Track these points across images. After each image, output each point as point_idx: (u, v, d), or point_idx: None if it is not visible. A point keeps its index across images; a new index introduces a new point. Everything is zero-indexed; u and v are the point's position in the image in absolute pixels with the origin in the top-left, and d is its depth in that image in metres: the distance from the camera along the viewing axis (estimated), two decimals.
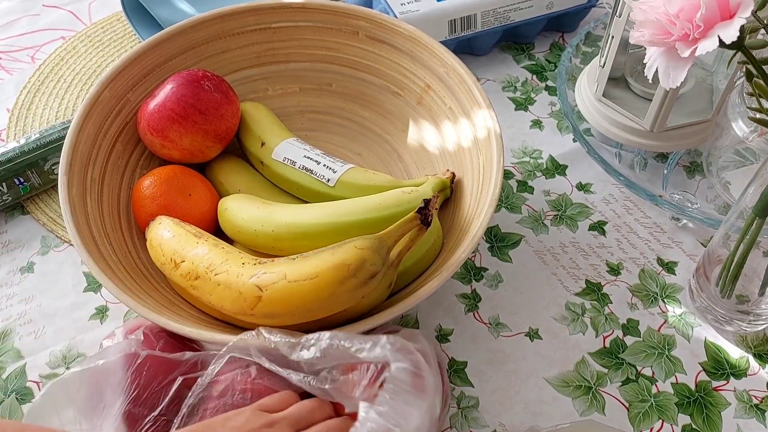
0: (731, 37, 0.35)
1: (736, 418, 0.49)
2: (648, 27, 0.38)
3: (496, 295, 0.55)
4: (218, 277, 0.43)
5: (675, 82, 0.38)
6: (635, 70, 0.61)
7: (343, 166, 0.53)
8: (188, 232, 0.47)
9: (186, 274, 0.45)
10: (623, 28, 0.55)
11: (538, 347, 0.52)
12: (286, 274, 0.41)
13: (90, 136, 0.53)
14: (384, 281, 0.43)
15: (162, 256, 0.47)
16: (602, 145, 0.63)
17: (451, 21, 0.68)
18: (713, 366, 0.51)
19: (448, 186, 0.54)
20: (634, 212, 0.60)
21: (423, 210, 0.43)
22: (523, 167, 0.64)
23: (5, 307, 0.56)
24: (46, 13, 0.82)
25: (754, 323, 0.52)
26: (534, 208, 0.61)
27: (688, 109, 0.59)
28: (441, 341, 0.53)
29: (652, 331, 0.53)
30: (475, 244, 0.46)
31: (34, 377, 0.52)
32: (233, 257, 0.44)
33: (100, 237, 0.50)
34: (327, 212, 0.48)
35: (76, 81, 0.73)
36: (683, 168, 0.63)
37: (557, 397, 0.50)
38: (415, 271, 0.49)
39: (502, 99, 0.70)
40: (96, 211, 0.51)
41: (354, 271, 0.41)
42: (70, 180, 0.50)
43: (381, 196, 0.49)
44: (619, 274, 0.56)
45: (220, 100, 0.54)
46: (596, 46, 0.70)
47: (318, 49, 0.62)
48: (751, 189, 0.46)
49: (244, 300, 0.42)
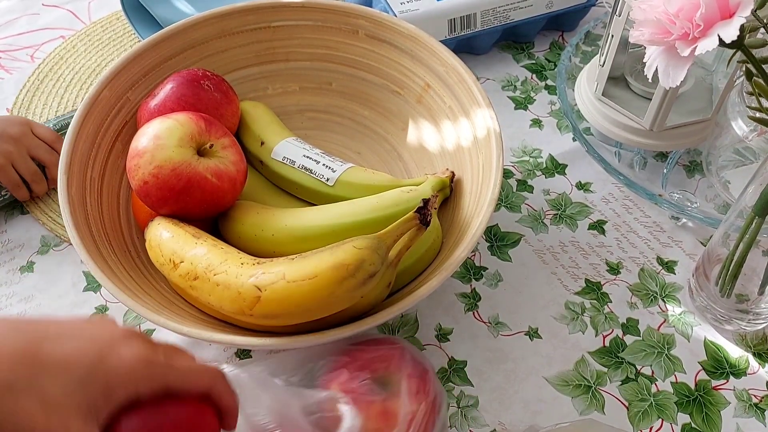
0: (731, 36, 0.35)
1: (736, 417, 0.49)
2: (648, 26, 0.38)
3: (496, 294, 0.55)
4: (217, 278, 0.43)
5: (675, 82, 0.38)
6: (635, 70, 0.61)
7: (342, 166, 0.53)
8: (187, 233, 0.47)
9: (185, 274, 0.45)
10: (623, 27, 0.55)
11: (537, 346, 0.52)
12: (285, 275, 0.41)
13: (90, 135, 0.53)
14: (383, 281, 0.43)
15: (161, 257, 0.47)
16: (602, 144, 0.63)
17: (451, 20, 0.68)
18: (713, 365, 0.51)
19: (447, 185, 0.54)
20: (634, 211, 0.60)
21: (422, 209, 0.43)
22: (522, 166, 0.64)
23: (5, 306, 0.56)
24: (46, 12, 0.82)
25: (754, 322, 0.52)
26: (534, 207, 0.61)
27: (688, 108, 0.59)
28: (440, 340, 0.53)
29: (651, 330, 0.53)
30: (474, 243, 0.46)
31: None
32: (232, 257, 0.44)
33: (100, 237, 0.50)
34: (326, 214, 0.48)
35: (75, 80, 0.73)
36: (683, 167, 0.63)
37: (557, 397, 0.50)
38: (415, 270, 0.49)
39: (501, 98, 0.70)
40: (96, 211, 0.51)
41: (353, 271, 0.40)
42: (69, 180, 0.50)
43: (380, 196, 0.49)
44: (618, 273, 0.56)
45: (219, 100, 0.54)
46: (596, 45, 0.70)
47: (318, 48, 0.62)
48: (751, 188, 0.46)
49: (243, 300, 0.42)
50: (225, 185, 0.48)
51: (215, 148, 0.48)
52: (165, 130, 0.47)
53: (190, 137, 0.47)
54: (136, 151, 0.47)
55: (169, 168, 0.46)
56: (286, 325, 0.42)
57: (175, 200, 0.47)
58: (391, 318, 0.43)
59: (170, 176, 0.46)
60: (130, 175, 0.48)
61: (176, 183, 0.46)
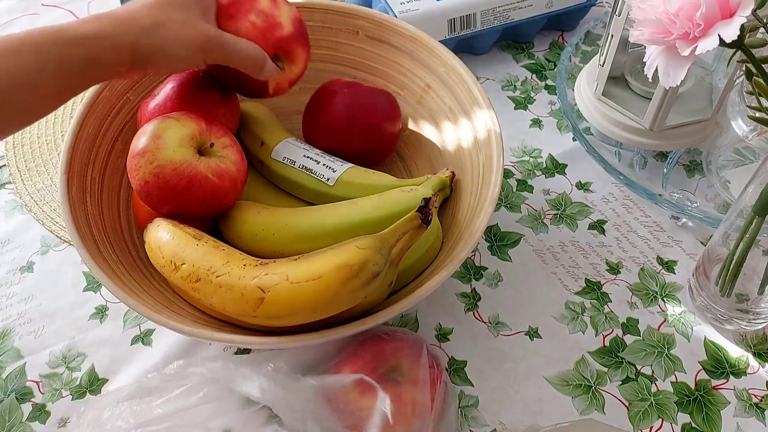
0: (731, 36, 0.35)
1: (736, 417, 0.49)
2: (648, 26, 0.38)
3: (496, 294, 0.55)
4: (219, 279, 0.43)
5: (675, 81, 0.38)
6: (635, 69, 0.61)
7: (342, 166, 0.53)
8: (187, 234, 0.47)
9: (186, 276, 0.45)
10: (623, 27, 0.55)
11: (537, 346, 0.52)
12: (288, 276, 0.41)
13: (90, 135, 0.53)
14: (385, 280, 0.43)
15: (161, 259, 0.47)
16: (602, 144, 0.64)
17: (451, 20, 0.68)
18: (713, 365, 0.51)
19: (447, 185, 0.54)
20: (634, 211, 0.60)
21: (423, 209, 0.43)
22: (522, 166, 0.64)
23: (5, 306, 0.56)
24: (46, 12, 0.82)
25: (754, 322, 0.52)
26: (534, 207, 0.61)
27: (688, 108, 0.59)
28: (441, 340, 0.53)
29: (651, 330, 0.53)
30: (474, 242, 0.46)
31: (34, 377, 0.52)
32: (234, 259, 0.44)
33: (100, 236, 0.50)
34: (327, 214, 0.48)
35: None
36: (683, 167, 0.63)
37: (557, 396, 0.50)
38: (415, 270, 0.49)
39: (501, 98, 0.70)
40: (96, 211, 0.51)
41: (357, 271, 0.40)
42: (70, 179, 0.50)
43: (380, 196, 0.49)
44: (618, 273, 0.56)
45: (219, 100, 0.54)
46: (596, 45, 0.70)
47: (318, 48, 0.62)
48: (751, 188, 0.46)
49: (247, 302, 0.42)
50: (226, 184, 0.48)
51: (216, 147, 0.48)
52: (166, 130, 0.47)
53: (190, 137, 0.47)
54: (136, 150, 0.47)
55: (170, 167, 0.46)
56: (291, 325, 0.42)
57: (176, 200, 0.47)
58: (391, 317, 0.43)
59: (171, 176, 0.46)
60: (130, 175, 0.48)
61: (177, 182, 0.46)
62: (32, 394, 0.51)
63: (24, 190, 0.64)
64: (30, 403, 0.51)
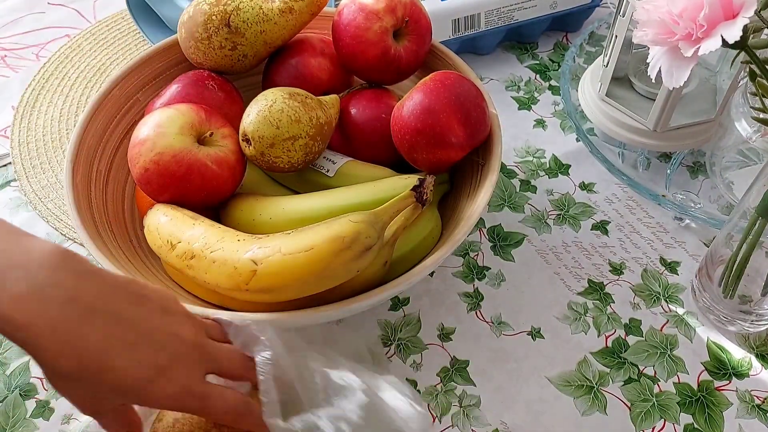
0: (734, 37, 0.35)
1: (738, 418, 0.48)
2: (651, 26, 0.38)
3: (499, 294, 0.55)
4: (214, 254, 0.43)
5: (678, 82, 0.38)
6: (638, 70, 0.61)
7: (343, 158, 0.54)
8: (185, 215, 0.47)
9: (182, 254, 0.45)
10: (627, 28, 0.55)
11: (540, 346, 0.52)
12: (281, 248, 0.41)
13: (98, 130, 0.55)
14: (379, 258, 0.43)
15: (158, 239, 0.47)
16: (605, 144, 0.63)
17: (455, 20, 0.68)
18: (715, 366, 0.51)
19: (446, 180, 0.54)
20: (637, 212, 0.60)
21: (417, 188, 0.43)
22: (526, 166, 0.64)
23: None
24: (51, 11, 0.82)
25: (757, 323, 0.52)
26: (537, 207, 0.61)
27: (692, 109, 0.59)
28: (443, 340, 0.53)
29: (654, 330, 0.53)
30: (472, 223, 0.46)
31: (38, 373, 0.52)
32: (229, 235, 0.45)
33: (102, 224, 0.51)
34: (323, 198, 0.49)
35: (80, 79, 0.73)
36: (686, 168, 0.63)
37: (559, 397, 0.50)
38: (413, 258, 0.49)
39: (505, 98, 0.70)
40: (100, 201, 0.53)
41: (349, 243, 0.41)
42: (75, 167, 0.51)
43: (376, 183, 0.50)
44: (621, 273, 0.56)
45: (223, 99, 0.55)
46: (600, 46, 0.70)
47: None
48: (754, 189, 0.46)
49: (240, 275, 0.42)
50: (225, 173, 0.49)
51: (215, 136, 0.49)
52: (166, 119, 0.48)
53: (190, 125, 0.48)
54: (137, 139, 0.48)
55: (170, 155, 0.47)
56: (283, 301, 0.42)
57: (175, 187, 0.48)
58: (386, 297, 0.44)
59: (171, 163, 0.47)
60: (131, 164, 0.48)
61: (177, 169, 0.47)
62: (36, 391, 0.51)
63: (29, 188, 0.64)
64: (34, 400, 0.51)
